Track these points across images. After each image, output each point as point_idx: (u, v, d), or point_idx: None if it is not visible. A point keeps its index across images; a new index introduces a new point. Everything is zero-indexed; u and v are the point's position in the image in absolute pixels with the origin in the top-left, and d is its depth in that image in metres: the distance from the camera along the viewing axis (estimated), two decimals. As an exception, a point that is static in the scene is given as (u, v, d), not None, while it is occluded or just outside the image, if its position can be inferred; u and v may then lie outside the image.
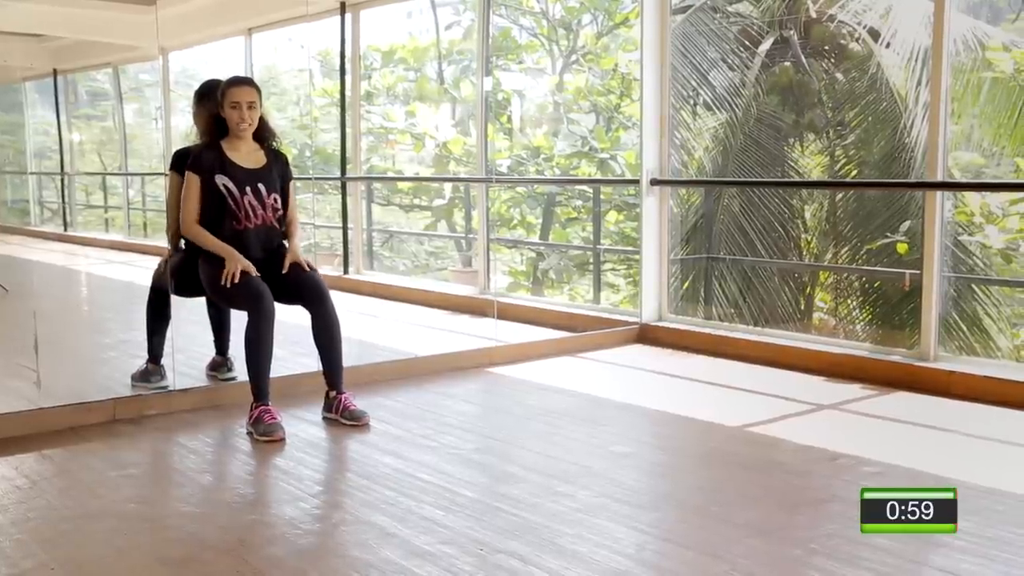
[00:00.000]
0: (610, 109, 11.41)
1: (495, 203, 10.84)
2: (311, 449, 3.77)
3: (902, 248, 7.17)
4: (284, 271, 4.12)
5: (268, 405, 3.97)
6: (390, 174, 12.53)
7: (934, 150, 4.70)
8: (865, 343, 5.94)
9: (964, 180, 7.44)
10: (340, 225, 8.12)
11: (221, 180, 4.11)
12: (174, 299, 4.58)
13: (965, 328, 7.08)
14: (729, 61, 8.52)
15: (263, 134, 4.26)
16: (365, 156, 11.01)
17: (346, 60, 7.86)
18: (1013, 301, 7.48)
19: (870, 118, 7.98)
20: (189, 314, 5.30)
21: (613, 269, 11.10)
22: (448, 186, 11.90)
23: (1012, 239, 7.19)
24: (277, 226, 4.24)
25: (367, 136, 11.86)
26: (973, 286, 7.23)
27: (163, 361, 4.65)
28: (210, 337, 4.87)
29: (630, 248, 10.32)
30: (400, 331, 6.47)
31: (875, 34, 7.77)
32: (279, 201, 4.24)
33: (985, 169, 7.85)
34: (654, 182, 5.88)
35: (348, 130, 8.05)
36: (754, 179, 8.25)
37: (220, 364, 4.85)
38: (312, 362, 4.66)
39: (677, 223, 7.90)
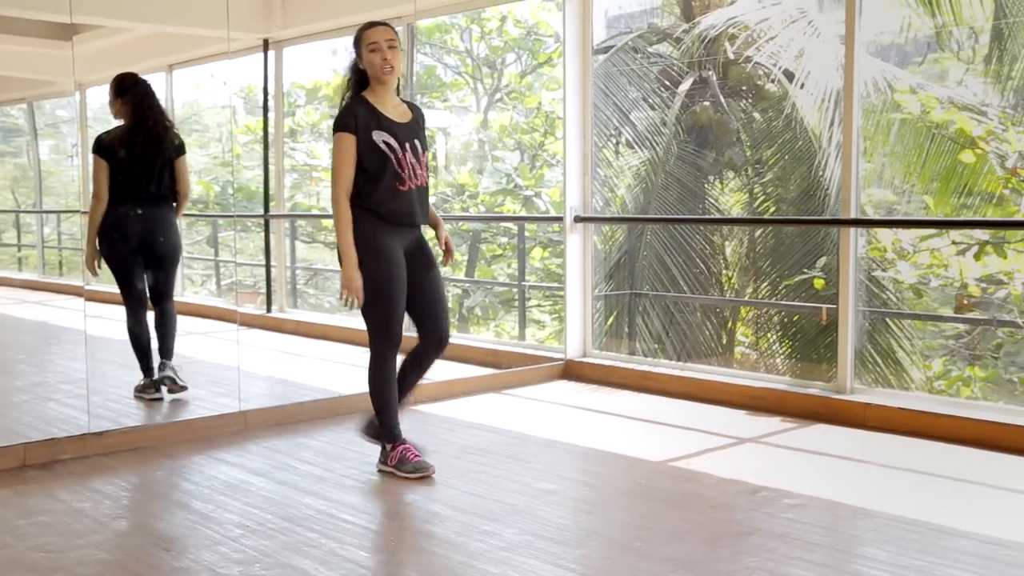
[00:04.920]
0: (534, 147, 11.52)
1: (420, 240, 10.83)
2: (231, 491, 3.69)
3: (819, 283, 7.35)
4: (443, 247, 3.94)
5: (406, 442, 3.87)
6: (314, 211, 12.44)
7: (847, 188, 4.84)
8: (785, 376, 6.06)
9: (876, 217, 7.67)
10: (263, 263, 8.02)
11: (380, 136, 3.67)
12: (91, 339, 4.48)
13: (880, 361, 7.26)
14: (650, 100, 8.69)
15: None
16: (289, 193, 10.93)
17: (269, 97, 7.82)
18: (925, 334, 7.71)
19: (787, 156, 8.20)
20: (106, 355, 5.18)
21: (538, 305, 11.16)
22: (373, 223, 11.84)
23: (923, 274, 7.42)
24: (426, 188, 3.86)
25: (291, 173, 11.77)
26: (887, 320, 7.44)
27: (77, 402, 4.53)
28: (126, 378, 4.76)
29: (555, 284, 10.39)
30: (324, 369, 6.40)
31: (790, 75, 8.01)
32: (428, 159, 3.85)
33: (897, 206, 8.11)
34: (578, 219, 5.94)
35: (271, 167, 7.99)
36: (676, 216, 8.40)
37: (148, 386, 4.77)
38: (233, 402, 4.59)
39: (601, 260, 7.99)
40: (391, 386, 3.88)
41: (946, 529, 3.19)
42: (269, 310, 7.83)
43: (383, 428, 3.89)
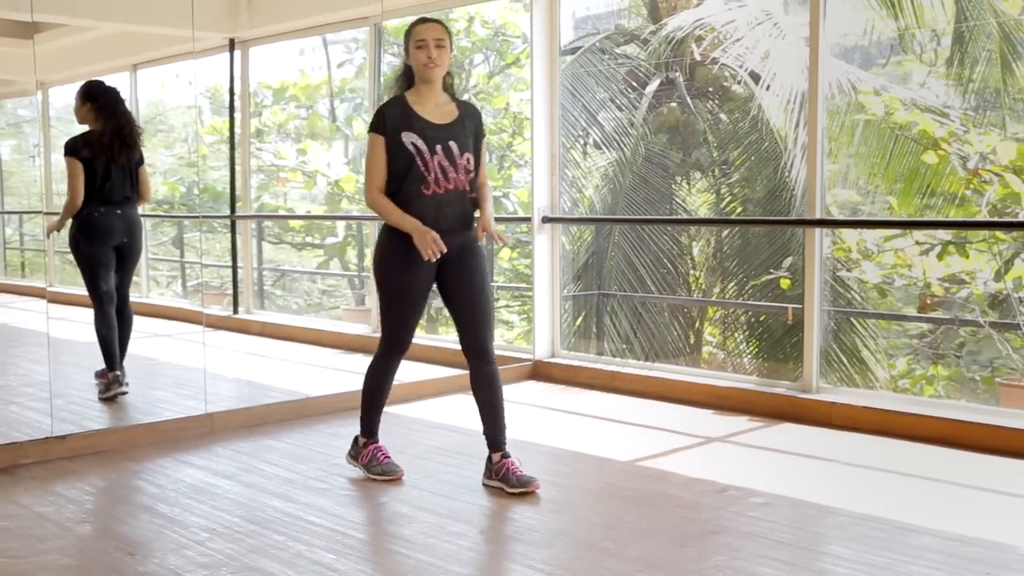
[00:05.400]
0: (502, 147, 11.52)
1: (388, 241, 10.80)
2: (197, 494, 3.66)
3: (785, 283, 7.40)
4: (480, 241, 3.72)
5: (379, 442, 3.86)
6: (281, 212, 12.37)
7: (812, 189, 4.88)
8: (752, 376, 6.10)
9: (841, 218, 7.74)
10: (229, 264, 7.96)
11: (409, 138, 3.60)
12: (53, 341, 4.43)
13: (845, 360, 7.33)
14: (617, 101, 8.72)
15: (448, 85, 3.74)
16: (256, 194, 10.86)
17: (235, 97, 7.76)
18: (889, 333, 7.79)
19: (753, 157, 8.25)
20: (69, 357, 5.13)
21: (507, 306, 11.16)
22: (341, 224, 11.81)
23: (887, 274, 7.50)
24: (469, 192, 3.70)
25: (258, 174, 11.70)
26: (852, 319, 7.51)
27: (40, 405, 4.48)
28: (90, 380, 4.71)
29: (523, 285, 10.39)
30: (291, 371, 6.36)
31: (756, 77, 8.06)
32: (472, 161, 3.69)
33: (861, 207, 8.19)
34: (546, 220, 5.95)
35: (238, 167, 7.93)
36: (643, 216, 8.43)
37: (113, 381, 4.74)
38: (199, 404, 4.56)
39: (569, 260, 8.01)
40: (383, 387, 3.87)
41: (910, 526, 3.23)
42: (236, 311, 7.77)
43: (363, 423, 3.89)
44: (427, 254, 3.54)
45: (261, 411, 4.83)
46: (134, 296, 5.40)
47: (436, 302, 11.53)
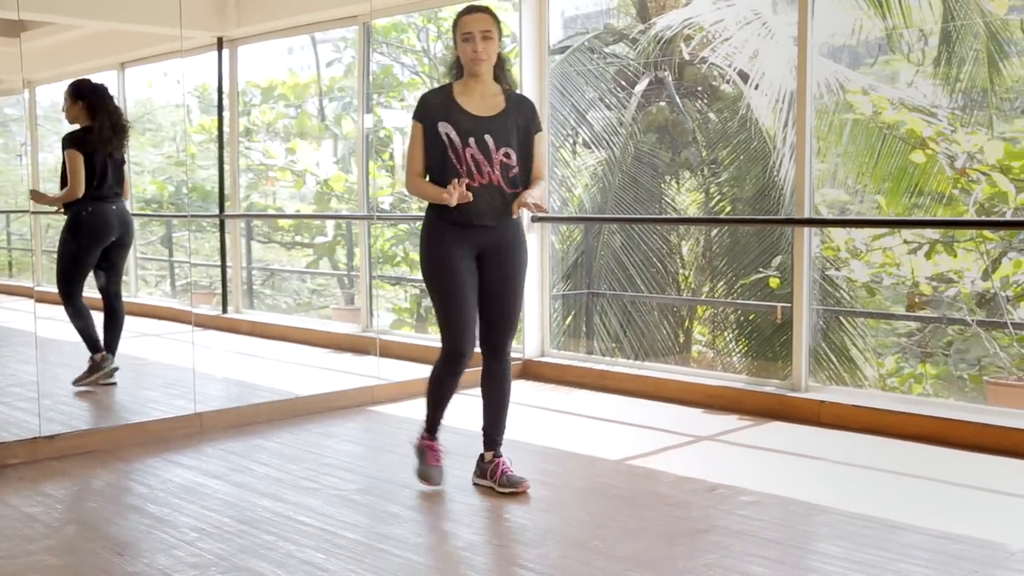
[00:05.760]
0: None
1: (378, 240, 10.79)
2: (186, 494, 3.65)
3: (774, 282, 7.42)
4: (513, 215, 3.59)
5: (436, 441, 3.76)
6: (270, 211, 12.34)
7: (801, 188, 4.89)
8: (741, 375, 6.10)
9: (830, 217, 7.76)
10: (218, 263, 7.94)
11: (444, 128, 3.51)
12: (41, 341, 4.42)
13: (834, 359, 7.35)
14: (607, 101, 8.72)
15: (501, 76, 3.63)
16: (245, 193, 10.83)
17: (224, 96, 7.74)
18: (877, 332, 7.81)
19: (742, 157, 8.26)
20: (57, 357, 5.11)
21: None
22: (330, 223, 11.79)
23: (875, 273, 7.52)
24: (507, 188, 3.55)
25: (246, 173, 11.67)
26: (841, 318, 7.53)
27: (28, 405, 4.47)
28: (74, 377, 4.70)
29: (513, 284, 10.38)
30: (281, 371, 6.35)
31: (745, 76, 8.07)
32: (513, 157, 3.54)
33: (849, 206, 8.22)
34: (535, 219, 5.95)
35: (226, 166, 7.91)
36: (633, 215, 8.44)
37: (103, 360, 4.80)
38: (188, 404, 4.55)
39: (559, 259, 8.01)
40: (441, 389, 3.78)
41: (899, 524, 3.24)
42: (225, 311, 7.76)
43: (426, 417, 3.82)
44: (451, 194, 3.39)
45: (250, 411, 4.82)
46: (122, 295, 5.39)
47: (426, 301, 11.51)
